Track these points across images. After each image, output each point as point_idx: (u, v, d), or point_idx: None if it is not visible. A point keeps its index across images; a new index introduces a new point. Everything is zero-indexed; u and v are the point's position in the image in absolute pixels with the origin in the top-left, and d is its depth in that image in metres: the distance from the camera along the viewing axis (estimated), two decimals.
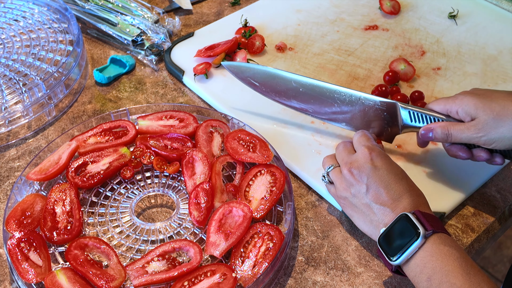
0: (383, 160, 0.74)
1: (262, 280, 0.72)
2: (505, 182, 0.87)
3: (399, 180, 0.72)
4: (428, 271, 0.65)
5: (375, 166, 0.73)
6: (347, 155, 0.77)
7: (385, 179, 0.72)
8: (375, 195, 0.72)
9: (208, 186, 0.80)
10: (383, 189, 0.71)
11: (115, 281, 0.71)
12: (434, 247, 0.66)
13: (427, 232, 0.66)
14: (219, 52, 1.04)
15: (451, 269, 0.64)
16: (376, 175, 0.72)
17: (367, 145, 0.76)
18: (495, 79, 1.02)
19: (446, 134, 0.77)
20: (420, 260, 0.66)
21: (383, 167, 0.73)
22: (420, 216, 0.68)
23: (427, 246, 0.66)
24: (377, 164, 0.73)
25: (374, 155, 0.74)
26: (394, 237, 0.69)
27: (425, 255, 0.66)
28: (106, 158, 0.85)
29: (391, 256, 0.68)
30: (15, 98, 0.98)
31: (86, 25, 1.17)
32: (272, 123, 0.94)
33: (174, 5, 1.22)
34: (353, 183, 0.74)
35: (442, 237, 0.67)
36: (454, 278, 0.64)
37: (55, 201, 0.80)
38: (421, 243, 0.66)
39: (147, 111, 0.95)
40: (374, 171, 0.72)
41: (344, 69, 1.04)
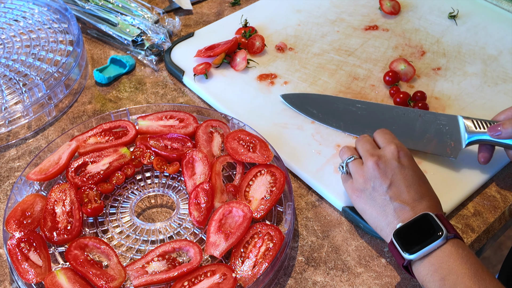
0: (409, 161, 0.74)
1: (262, 280, 0.72)
2: (505, 182, 0.87)
3: (422, 183, 0.73)
4: (443, 271, 0.65)
5: (402, 165, 0.73)
6: (373, 148, 0.76)
7: (409, 179, 0.73)
8: (397, 193, 0.72)
9: (208, 186, 0.80)
10: (406, 188, 0.72)
11: (115, 281, 0.71)
12: (453, 249, 0.66)
13: (450, 235, 0.67)
14: (219, 52, 1.04)
15: (467, 272, 0.64)
16: (401, 173, 0.73)
17: (395, 142, 0.76)
18: (495, 79, 1.02)
19: None
20: (436, 259, 0.66)
21: (409, 167, 0.74)
22: (443, 219, 0.69)
23: (446, 247, 0.67)
24: (404, 163, 0.74)
25: (402, 154, 0.74)
26: (413, 234, 0.68)
27: (442, 255, 0.66)
28: (106, 158, 0.85)
29: (404, 251, 0.68)
30: (15, 98, 0.98)
31: (86, 25, 1.17)
32: (272, 123, 0.94)
33: (174, 5, 1.22)
34: (377, 177, 0.73)
35: (460, 243, 0.68)
36: (469, 281, 0.64)
37: (55, 201, 0.80)
38: (442, 243, 0.67)
39: (147, 111, 0.95)
40: (400, 169, 0.73)
41: (344, 69, 1.04)
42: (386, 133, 0.79)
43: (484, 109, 0.96)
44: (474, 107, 0.96)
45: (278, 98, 0.98)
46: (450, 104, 0.97)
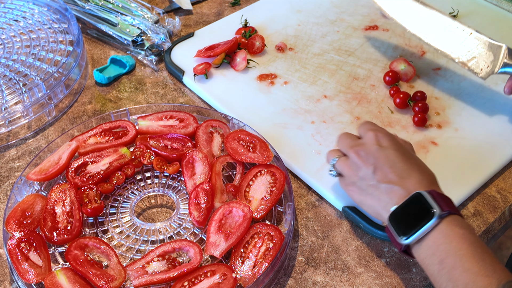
0: (389, 141, 0.74)
1: (262, 280, 0.72)
2: (505, 182, 0.87)
3: (407, 159, 0.72)
4: (440, 253, 0.63)
5: (382, 146, 0.73)
6: (352, 141, 0.77)
7: (391, 158, 0.71)
8: (382, 175, 0.71)
9: (208, 187, 0.80)
10: (390, 168, 0.71)
11: (115, 281, 0.71)
12: (449, 229, 0.64)
13: (443, 213, 0.64)
14: (219, 52, 1.04)
15: (465, 253, 0.62)
16: (382, 155, 0.72)
17: (372, 128, 0.76)
18: (495, 79, 1.01)
19: None
20: (433, 241, 0.64)
21: (390, 147, 0.73)
22: (436, 195, 0.66)
23: (442, 227, 0.64)
24: (383, 144, 0.73)
25: (380, 136, 0.74)
26: (406, 216, 0.67)
27: (438, 236, 0.64)
28: (106, 158, 0.85)
29: (401, 235, 0.66)
30: (15, 98, 0.98)
31: (86, 25, 1.17)
32: (272, 123, 0.94)
33: (174, 5, 1.22)
34: (360, 166, 0.73)
35: (457, 219, 0.65)
36: (468, 263, 0.61)
37: (55, 201, 0.80)
38: (435, 224, 0.64)
39: (147, 111, 0.95)
40: (381, 151, 0.72)
41: (344, 69, 1.04)
42: (366, 124, 0.78)
43: (484, 109, 0.96)
44: (474, 107, 0.96)
45: (278, 98, 0.98)
46: (450, 104, 0.97)
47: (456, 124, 0.93)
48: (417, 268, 0.76)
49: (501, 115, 0.95)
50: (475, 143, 0.90)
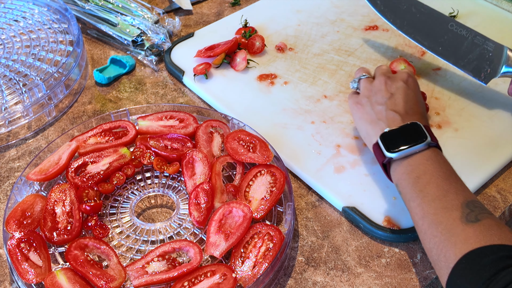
0: (415, 86, 0.84)
1: (262, 281, 0.72)
2: (505, 183, 0.87)
3: (418, 103, 0.82)
4: (419, 171, 0.72)
5: (408, 85, 0.82)
6: (388, 71, 0.86)
7: (409, 96, 0.81)
8: (393, 103, 0.80)
9: (208, 187, 0.80)
10: (403, 101, 0.80)
11: (115, 281, 0.71)
12: (432, 155, 0.73)
13: (432, 143, 0.74)
14: (219, 53, 1.04)
15: (442, 175, 0.71)
16: (403, 90, 0.81)
17: (408, 71, 0.86)
18: (495, 79, 1.01)
19: None
20: (415, 161, 0.73)
21: (413, 90, 0.82)
22: (429, 130, 0.76)
23: (426, 152, 0.73)
24: (409, 84, 0.83)
25: (410, 79, 0.84)
26: (398, 137, 0.75)
27: (421, 158, 0.73)
28: (106, 158, 0.85)
29: (388, 150, 0.74)
30: (15, 98, 0.98)
31: (86, 25, 1.17)
32: (272, 123, 0.94)
33: (174, 6, 1.22)
34: (381, 90, 0.82)
35: (440, 153, 0.75)
36: (442, 181, 0.70)
37: (55, 201, 0.80)
38: (424, 148, 0.73)
39: (147, 112, 0.95)
40: (404, 87, 0.82)
41: (344, 69, 1.04)
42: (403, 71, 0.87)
43: (484, 109, 0.96)
44: (474, 107, 0.96)
45: (278, 98, 0.98)
46: (450, 104, 0.97)
47: (456, 124, 0.93)
48: (417, 268, 0.76)
49: (501, 115, 0.95)
50: (475, 143, 0.90)
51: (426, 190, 0.70)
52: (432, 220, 0.68)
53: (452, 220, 0.66)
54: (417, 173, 0.72)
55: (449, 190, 0.69)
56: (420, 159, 0.73)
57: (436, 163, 0.72)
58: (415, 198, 0.71)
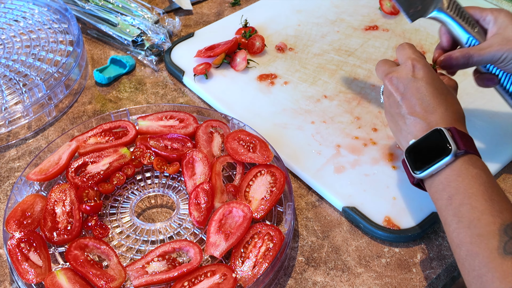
0: (425, 73, 0.72)
1: (262, 281, 0.72)
2: (505, 182, 0.87)
3: (438, 94, 0.71)
4: (451, 190, 0.64)
5: (415, 77, 0.72)
6: (389, 68, 0.76)
7: (422, 91, 0.71)
8: (409, 105, 0.71)
9: (208, 187, 0.80)
10: (418, 100, 0.70)
11: (115, 281, 0.71)
12: (463, 167, 0.64)
13: (459, 151, 0.65)
14: (219, 53, 1.04)
15: (475, 192, 0.62)
16: (413, 86, 0.71)
17: (412, 57, 0.74)
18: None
19: (468, 57, 0.77)
20: (445, 178, 0.65)
21: (423, 79, 0.72)
22: (455, 133, 0.66)
23: (456, 165, 0.65)
24: (418, 75, 0.72)
25: (418, 67, 0.73)
26: (423, 150, 0.67)
27: (451, 173, 0.65)
28: (106, 158, 0.85)
29: (415, 169, 0.67)
30: (15, 98, 0.98)
31: (86, 25, 1.17)
32: (272, 123, 0.94)
33: (174, 6, 1.22)
34: (391, 92, 0.73)
35: (473, 159, 0.65)
36: (476, 201, 0.62)
37: (55, 201, 0.80)
38: (450, 161, 0.65)
39: (147, 112, 0.95)
40: (413, 82, 0.72)
41: (344, 69, 1.04)
42: (404, 48, 0.77)
43: (484, 109, 0.96)
44: (474, 107, 0.96)
45: (278, 98, 0.98)
46: None
47: None
48: (417, 268, 0.76)
49: (501, 116, 0.95)
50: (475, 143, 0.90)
51: (461, 214, 0.62)
52: (469, 251, 0.61)
53: (489, 252, 0.59)
54: (449, 192, 0.64)
55: (484, 211, 0.61)
56: (451, 174, 0.65)
57: (469, 177, 0.63)
58: (450, 223, 0.64)
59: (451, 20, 0.81)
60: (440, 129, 0.67)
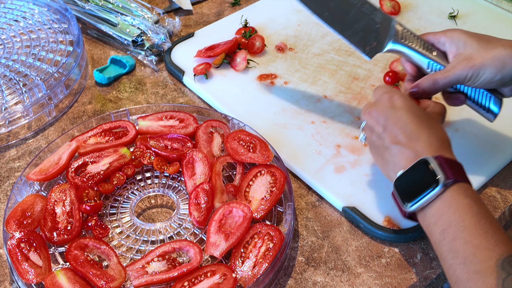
0: (403, 102, 0.72)
1: (262, 281, 0.72)
2: (505, 183, 0.87)
3: (419, 121, 0.69)
4: (443, 223, 0.62)
5: (394, 107, 0.71)
6: (368, 104, 0.76)
7: (402, 119, 0.70)
8: (392, 135, 0.70)
9: (208, 187, 0.80)
10: (400, 129, 0.69)
11: (115, 281, 0.71)
12: (453, 198, 0.62)
13: (448, 181, 0.63)
14: (219, 53, 1.04)
15: (468, 224, 0.60)
16: (393, 116, 0.70)
17: (387, 90, 0.75)
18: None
19: (434, 82, 0.76)
20: (436, 210, 0.63)
21: (402, 108, 0.71)
22: (443, 161, 0.64)
23: (446, 196, 0.63)
24: (396, 105, 0.72)
25: (395, 98, 0.72)
26: (412, 182, 0.65)
27: (442, 205, 0.63)
28: (106, 158, 0.85)
29: (405, 202, 0.65)
30: (15, 98, 0.98)
31: (86, 25, 1.17)
32: (272, 123, 0.94)
33: (174, 6, 1.22)
34: (373, 126, 0.73)
35: (463, 188, 0.63)
36: (469, 235, 0.60)
37: (55, 201, 0.80)
38: (440, 192, 0.63)
39: (147, 112, 0.95)
40: (392, 111, 0.71)
41: (344, 69, 1.04)
42: (379, 87, 0.77)
43: None
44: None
45: (278, 98, 0.98)
46: None
47: (456, 124, 0.93)
48: (417, 268, 0.76)
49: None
50: (475, 144, 0.90)
51: (455, 249, 0.60)
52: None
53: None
54: (442, 225, 0.62)
55: (479, 245, 0.59)
56: (442, 206, 0.63)
57: (460, 209, 0.61)
58: (446, 258, 0.62)
59: (408, 49, 0.81)
60: (427, 159, 0.65)
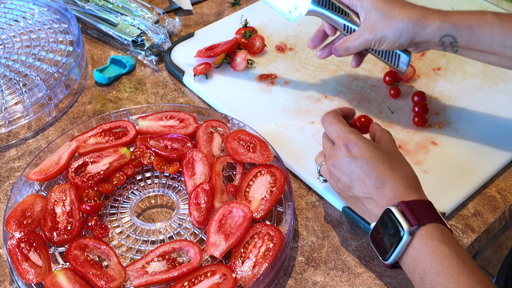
0: (359, 150, 0.70)
1: (262, 281, 0.72)
2: (505, 183, 0.87)
3: (380, 165, 0.69)
4: (420, 270, 0.62)
5: (354, 157, 0.70)
6: (329, 149, 0.75)
7: (365, 168, 0.69)
8: (359, 187, 0.70)
9: (208, 187, 0.80)
10: (365, 178, 0.69)
11: (115, 281, 0.71)
12: (422, 244, 0.62)
13: (412, 228, 0.63)
14: (219, 53, 1.03)
15: (442, 269, 0.60)
16: (356, 166, 0.70)
17: (341, 135, 0.73)
18: (495, 79, 1.02)
19: (345, 48, 0.87)
20: (411, 258, 0.63)
21: (361, 156, 0.70)
22: (404, 208, 0.64)
23: (415, 242, 0.63)
24: (355, 154, 0.70)
25: (350, 145, 0.71)
26: (383, 235, 0.66)
27: (414, 253, 0.63)
28: (106, 158, 0.85)
29: (383, 255, 0.66)
30: (15, 98, 0.98)
31: (86, 25, 1.17)
32: (272, 123, 0.94)
33: (174, 6, 1.22)
34: (338, 178, 0.72)
35: (429, 231, 0.63)
36: (445, 280, 0.60)
37: (55, 201, 0.80)
38: (408, 241, 0.63)
39: (147, 112, 0.95)
40: (353, 163, 0.70)
41: (344, 69, 1.04)
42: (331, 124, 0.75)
43: (484, 109, 0.96)
44: (474, 107, 0.96)
45: (278, 98, 0.98)
46: (450, 104, 0.97)
47: (456, 124, 0.93)
48: None
49: (501, 115, 0.95)
50: (475, 143, 0.90)
51: None
52: None
53: None
54: (419, 273, 0.62)
55: None
56: (414, 254, 0.63)
57: (431, 254, 0.61)
58: None
59: (325, 11, 0.88)
60: (390, 208, 0.65)
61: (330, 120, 0.76)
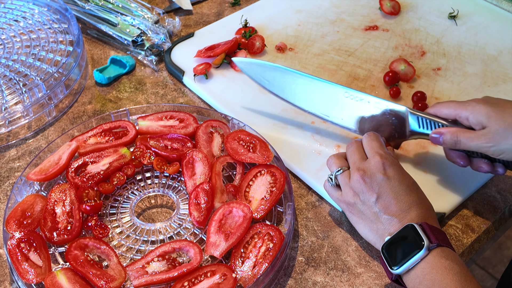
0: (395, 171, 0.74)
1: (262, 281, 0.72)
2: (505, 183, 0.87)
3: (409, 192, 0.72)
4: (427, 283, 0.65)
5: (388, 177, 0.73)
6: (359, 160, 0.76)
7: (396, 190, 0.72)
8: (385, 205, 0.72)
9: (208, 187, 0.80)
10: (393, 200, 0.71)
11: (115, 281, 0.71)
12: (436, 260, 0.66)
13: (432, 245, 0.67)
14: (219, 53, 1.04)
15: (449, 283, 0.64)
16: (387, 186, 0.72)
17: (380, 152, 0.75)
18: (495, 79, 1.02)
19: (455, 141, 0.76)
20: (421, 271, 0.66)
21: (395, 178, 0.73)
22: (427, 228, 0.68)
23: (429, 258, 0.66)
24: (389, 174, 0.73)
25: (387, 165, 0.74)
26: (398, 246, 0.69)
27: (426, 266, 0.66)
28: (106, 158, 0.85)
29: (392, 265, 0.68)
30: (15, 98, 0.98)
31: (86, 25, 1.17)
32: (272, 123, 0.94)
33: (174, 6, 1.22)
34: (364, 191, 0.73)
35: (445, 251, 0.67)
36: None
37: (55, 201, 0.80)
38: (424, 255, 0.66)
39: (147, 112, 0.95)
40: (386, 182, 0.72)
41: (344, 69, 1.04)
42: (372, 140, 0.78)
43: None
44: None
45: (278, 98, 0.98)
46: None
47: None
48: None
49: None
50: None
51: None
52: None
53: None
54: (426, 285, 0.65)
55: None
56: (425, 267, 0.66)
57: (442, 269, 0.65)
58: None
59: None
60: (413, 225, 0.68)
61: (374, 137, 0.79)
